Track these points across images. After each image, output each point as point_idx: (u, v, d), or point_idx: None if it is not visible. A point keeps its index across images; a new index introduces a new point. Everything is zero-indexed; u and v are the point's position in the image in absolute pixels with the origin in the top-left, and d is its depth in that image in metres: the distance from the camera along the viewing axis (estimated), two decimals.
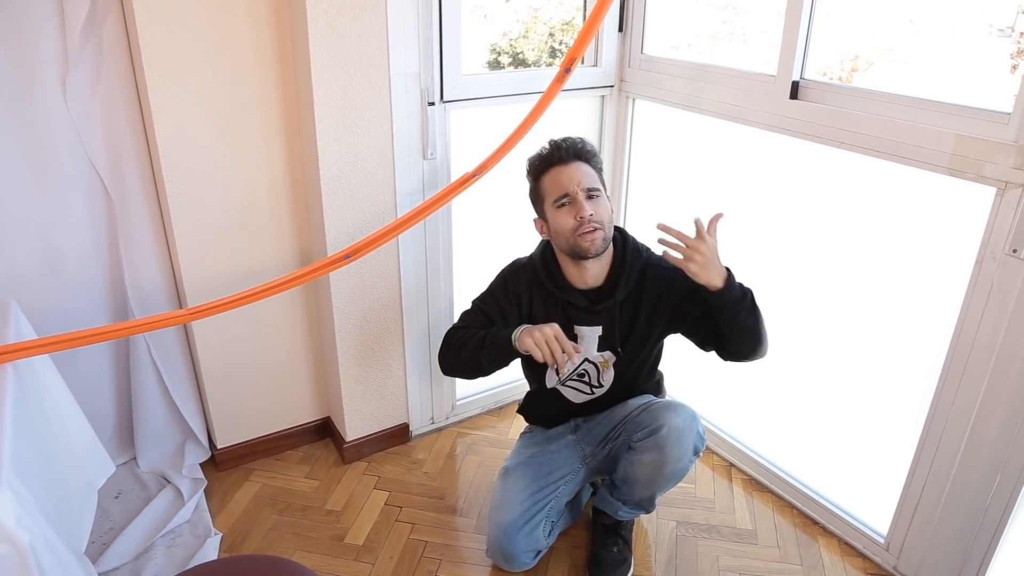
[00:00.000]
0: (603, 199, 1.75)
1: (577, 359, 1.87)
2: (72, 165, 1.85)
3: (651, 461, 1.75)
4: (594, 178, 1.75)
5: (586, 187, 1.72)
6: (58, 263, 1.92)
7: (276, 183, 2.01)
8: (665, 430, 1.72)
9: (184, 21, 1.74)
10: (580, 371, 1.90)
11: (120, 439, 2.21)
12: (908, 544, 1.84)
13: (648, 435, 1.74)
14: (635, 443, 1.77)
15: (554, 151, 1.76)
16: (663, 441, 1.72)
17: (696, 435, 1.77)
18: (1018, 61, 1.70)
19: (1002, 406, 1.56)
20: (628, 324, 1.83)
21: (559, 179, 1.74)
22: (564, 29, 2.55)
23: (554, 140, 1.78)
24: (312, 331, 2.25)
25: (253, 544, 1.97)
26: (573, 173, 1.73)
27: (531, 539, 1.81)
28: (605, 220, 1.73)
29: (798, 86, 1.85)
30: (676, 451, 1.73)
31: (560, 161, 1.75)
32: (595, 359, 1.86)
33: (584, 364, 1.88)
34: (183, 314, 1.72)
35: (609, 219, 1.75)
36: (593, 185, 1.73)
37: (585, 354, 1.86)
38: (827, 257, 1.95)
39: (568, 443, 1.96)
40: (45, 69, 1.74)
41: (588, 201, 1.71)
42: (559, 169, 1.74)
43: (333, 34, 1.79)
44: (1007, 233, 1.48)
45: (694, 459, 1.79)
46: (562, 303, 1.82)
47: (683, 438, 1.73)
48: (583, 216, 1.69)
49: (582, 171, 1.74)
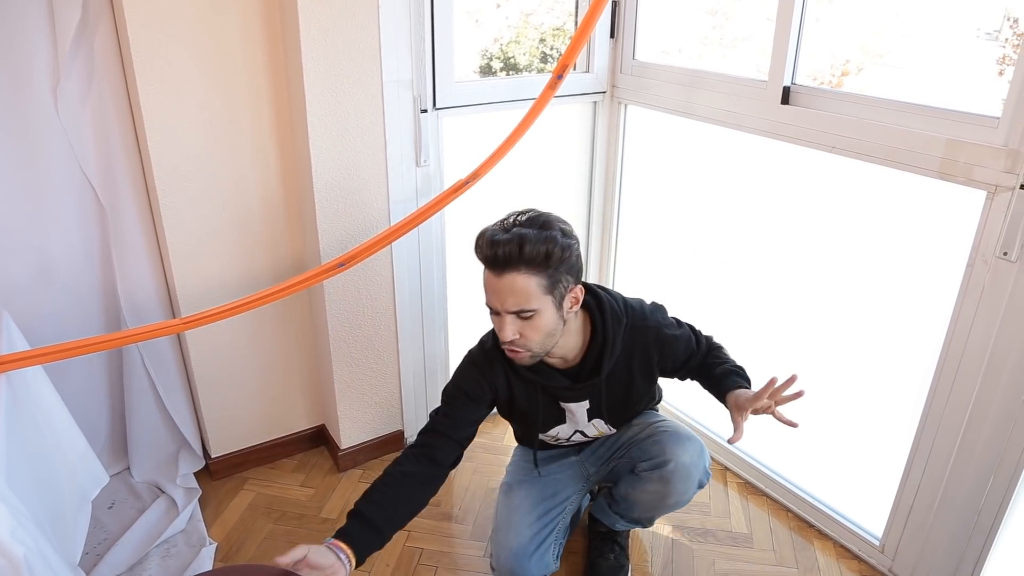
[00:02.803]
0: (540, 314, 1.43)
1: (568, 430, 1.76)
2: (64, 174, 1.84)
3: (655, 491, 1.71)
4: (527, 294, 1.40)
5: (511, 310, 1.43)
6: (50, 272, 1.91)
7: (269, 191, 2.01)
8: (672, 465, 1.66)
9: (176, 29, 1.73)
10: (578, 437, 1.81)
11: (113, 449, 2.20)
12: (903, 546, 1.85)
13: (654, 467, 1.69)
14: (640, 472, 1.72)
15: (487, 249, 1.43)
16: (669, 476, 1.67)
17: (703, 471, 1.73)
18: (1005, 66, 1.71)
19: (994, 408, 1.57)
20: (622, 392, 1.67)
21: (488, 287, 1.46)
22: (555, 35, 2.56)
23: (494, 232, 1.43)
24: (306, 339, 2.24)
25: (248, 554, 1.96)
26: (501, 290, 1.42)
27: (542, 564, 1.73)
28: (534, 342, 1.47)
29: (789, 91, 1.86)
30: (681, 486, 1.70)
31: (490, 266, 1.43)
32: (585, 428, 1.75)
33: (575, 435, 1.79)
34: (176, 324, 1.72)
35: (547, 334, 1.47)
36: (521, 307, 1.42)
37: (576, 425, 1.74)
38: (820, 261, 1.96)
39: (571, 463, 1.89)
40: (36, 77, 1.74)
41: (515, 322, 1.44)
42: (490, 276, 1.44)
43: (325, 41, 1.79)
44: (997, 236, 1.49)
45: (697, 491, 1.77)
46: (540, 386, 1.64)
47: (690, 474, 1.69)
48: (503, 340, 1.47)
49: (514, 287, 1.40)
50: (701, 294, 2.28)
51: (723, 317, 2.25)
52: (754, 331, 2.18)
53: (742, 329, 2.21)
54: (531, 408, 1.67)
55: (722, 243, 2.23)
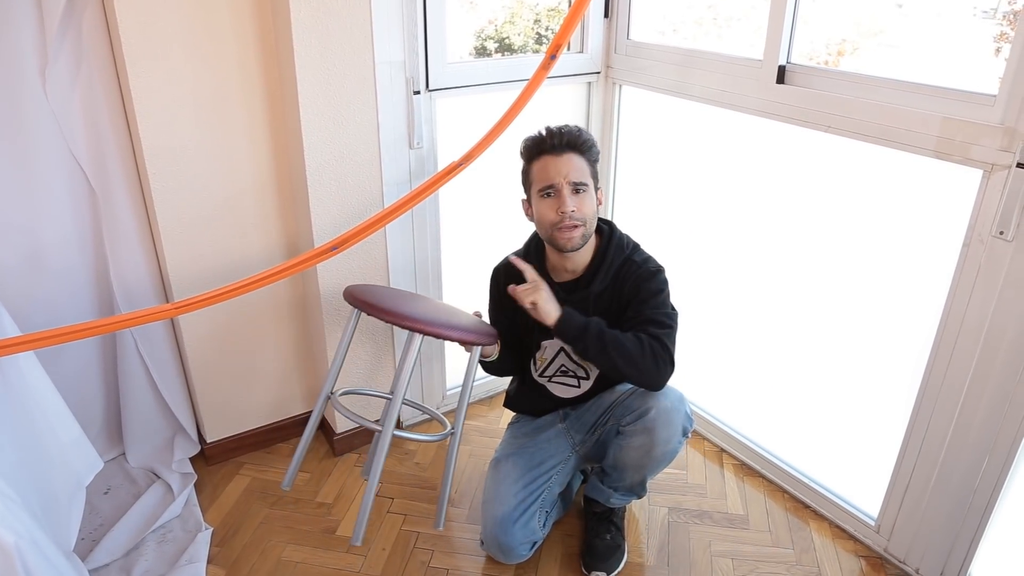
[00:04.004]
0: (590, 194, 1.72)
1: (554, 347, 1.87)
2: (53, 158, 1.82)
3: (640, 444, 1.74)
4: (583, 172, 1.72)
5: (573, 181, 1.69)
6: (41, 257, 1.89)
7: (261, 174, 2.00)
8: (653, 412, 1.71)
9: (165, 10, 1.71)
10: (561, 365, 1.89)
11: (109, 434, 2.19)
12: (898, 526, 1.85)
13: (637, 418, 1.73)
14: (624, 427, 1.76)
15: (547, 138, 1.73)
16: (652, 423, 1.71)
17: (684, 416, 1.76)
18: (1002, 43, 1.70)
19: (990, 388, 1.57)
20: (606, 316, 1.76)
21: (547, 169, 1.71)
22: (550, 15, 2.53)
23: (551, 127, 1.74)
24: (300, 323, 2.23)
25: (244, 538, 1.96)
26: (562, 165, 1.70)
27: (527, 530, 1.81)
28: (588, 216, 1.71)
29: (784, 71, 1.84)
30: (665, 432, 1.73)
31: (552, 150, 1.71)
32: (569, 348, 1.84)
33: (560, 355, 1.88)
34: (168, 308, 1.70)
35: (594, 215, 1.73)
36: (581, 180, 1.70)
37: (560, 343, 1.85)
38: (815, 241, 1.95)
39: (557, 432, 1.95)
40: (24, 61, 1.71)
41: (573, 196, 1.69)
42: (549, 158, 1.71)
43: (316, 22, 1.77)
44: (994, 215, 1.48)
45: (683, 440, 1.79)
46: None
47: (671, 419, 1.73)
48: (564, 211, 1.68)
49: (572, 164, 1.70)
50: (697, 274, 2.27)
51: (719, 296, 2.24)
52: (750, 311, 2.18)
53: (738, 308, 2.21)
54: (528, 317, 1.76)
55: (718, 223, 2.22)
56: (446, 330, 1.68)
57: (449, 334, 1.68)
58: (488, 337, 1.76)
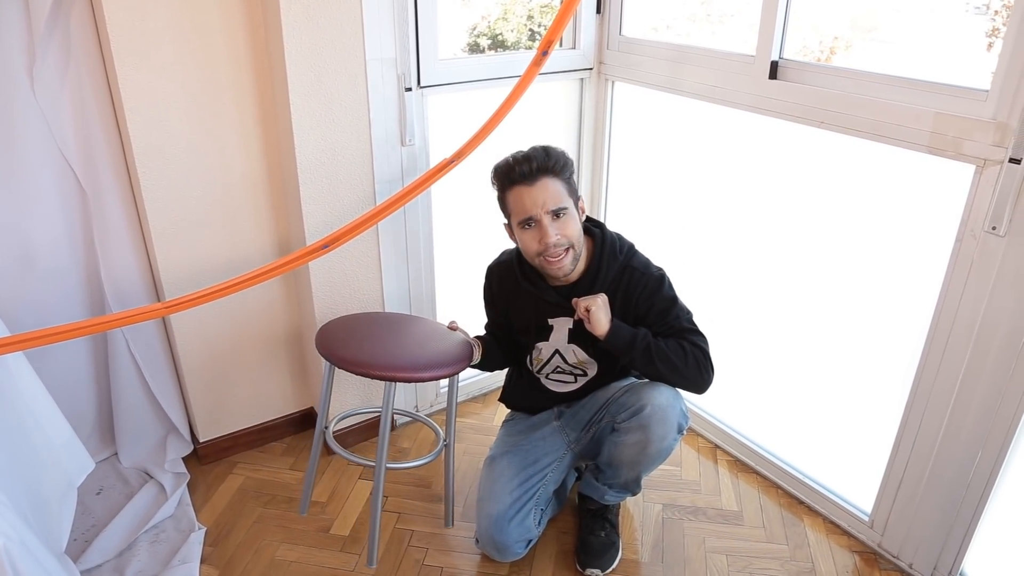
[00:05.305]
0: (571, 215, 1.68)
1: (549, 349, 1.86)
2: (42, 156, 1.81)
3: (636, 442, 1.74)
4: (560, 196, 1.66)
5: (551, 209, 1.64)
6: (31, 257, 1.88)
7: (252, 172, 1.98)
8: (648, 409, 1.71)
9: (154, 7, 1.70)
10: (557, 366, 1.89)
11: (101, 435, 2.18)
12: (892, 521, 1.85)
13: (632, 415, 1.73)
14: (619, 424, 1.76)
15: (517, 168, 1.66)
16: (647, 420, 1.71)
17: (679, 412, 1.76)
18: (994, 39, 1.70)
19: (983, 383, 1.57)
20: None
21: (522, 200, 1.66)
22: (543, 11, 2.53)
23: (518, 154, 1.68)
24: (292, 321, 2.22)
25: (238, 538, 1.95)
26: (537, 195, 1.64)
27: (522, 528, 1.80)
28: (574, 237, 1.68)
29: (777, 66, 1.84)
30: (660, 429, 1.72)
31: (523, 179, 1.65)
32: (563, 350, 1.85)
33: (555, 356, 1.87)
34: (158, 308, 1.69)
35: (579, 232, 1.70)
36: (559, 205, 1.65)
37: (556, 344, 1.85)
38: (808, 237, 1.95)
39: (552, 429, 1.95)
40: (11, 58, 1.70)
41: (554, 222, 1.65)
42: (523, 189, 1.65)
43: (306, 19, 1.76)
44: (986, 210, 1.48)
45: (678, 437, 1.79)
46: (535, 299, 1.81)
47: (667, 416, 1.72)
48: (547, 243, 1.65)
49: (547, 191, 1.64)
50: (691, 270, 2.27)
51: (713, 292, 2.24)
52: (744, 307, 2.18)
53: (732, 304, 2.21)
54: (524, 317, 1.83)
55: (711, 219, 2.22)
56: (419, 372, 1.71)
57: (421, 376, 1.71)
58: (462, 362, 1.77)
